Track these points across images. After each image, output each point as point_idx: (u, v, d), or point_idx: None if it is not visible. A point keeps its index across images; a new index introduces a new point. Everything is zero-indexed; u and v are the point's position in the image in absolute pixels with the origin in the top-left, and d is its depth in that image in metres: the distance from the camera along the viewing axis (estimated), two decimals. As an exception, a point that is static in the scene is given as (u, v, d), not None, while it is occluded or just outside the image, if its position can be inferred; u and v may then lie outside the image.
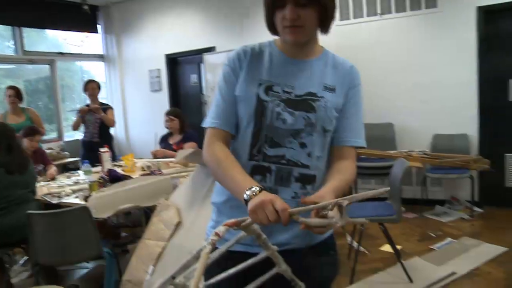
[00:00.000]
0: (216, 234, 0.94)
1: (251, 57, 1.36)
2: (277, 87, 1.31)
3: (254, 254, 1.18)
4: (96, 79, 5.67)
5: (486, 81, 4.86)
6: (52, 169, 4.25)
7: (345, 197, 1.06)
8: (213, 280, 1.12)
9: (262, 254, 1.09)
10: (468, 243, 3.93)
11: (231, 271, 1.12)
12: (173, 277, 1.04)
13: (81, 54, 7.75)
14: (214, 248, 0.96)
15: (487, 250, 3.73)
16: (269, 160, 1.30)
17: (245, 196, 1.12)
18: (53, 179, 4.00)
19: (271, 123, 1.30)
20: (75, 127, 5.42)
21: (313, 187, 1.33)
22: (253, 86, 1.32)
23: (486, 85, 4.86)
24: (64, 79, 7.71)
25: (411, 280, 3.21)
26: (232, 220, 1.01)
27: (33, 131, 4.28)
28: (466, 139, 4.96)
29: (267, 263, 1.17)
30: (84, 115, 5.30)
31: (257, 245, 1.15)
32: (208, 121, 1.36)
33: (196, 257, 0.98)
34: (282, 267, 1.11)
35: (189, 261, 1.01)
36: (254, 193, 1.10)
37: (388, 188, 1.02)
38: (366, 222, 1.14)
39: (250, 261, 1.09)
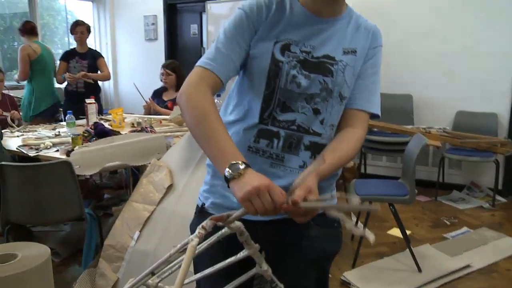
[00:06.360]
0: (203, 227, 0.94)
1: (275, 11, 1.30)
2: (294, 47, 1.29)
3: (252, 222, 1.16)
4: (84, 21, 5.49)
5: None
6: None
7: (330, 205, 1.19)
8: (200, 275, 1.09)
9: (243, 253, 1.06)
10: (487, 235, 3.93)
11: (209, 270, 1.07)
12: (152, 273, 1.02)
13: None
14: (203, 238, 0.95)
15: (508, 245, 3.73)
16: (278, 125, 1.29)
17: (226, 172, 1.05)
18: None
19: (285, 86, 1.28)
20: (60, 80, 5.23)
21: None
22: (269, 44, 1.29)
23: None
24: (45, 18, 7.48)
25: (419, 269, 3.22)
26: (218, 215, 0.98)
27: None
28: (495, 119, 4.93)
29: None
30: (69, 61, 5.18)
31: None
32: (202, 61, 1.27)
33: (180, 251, 0.98)
34: (263, 267, 1.09)
35: (172, 255, 0.99)
36: (238, 172, 1.04)
37: (379, 208, 1.02)
38: (377, 209, 1.05)
39: (228, 261, 1.06)
